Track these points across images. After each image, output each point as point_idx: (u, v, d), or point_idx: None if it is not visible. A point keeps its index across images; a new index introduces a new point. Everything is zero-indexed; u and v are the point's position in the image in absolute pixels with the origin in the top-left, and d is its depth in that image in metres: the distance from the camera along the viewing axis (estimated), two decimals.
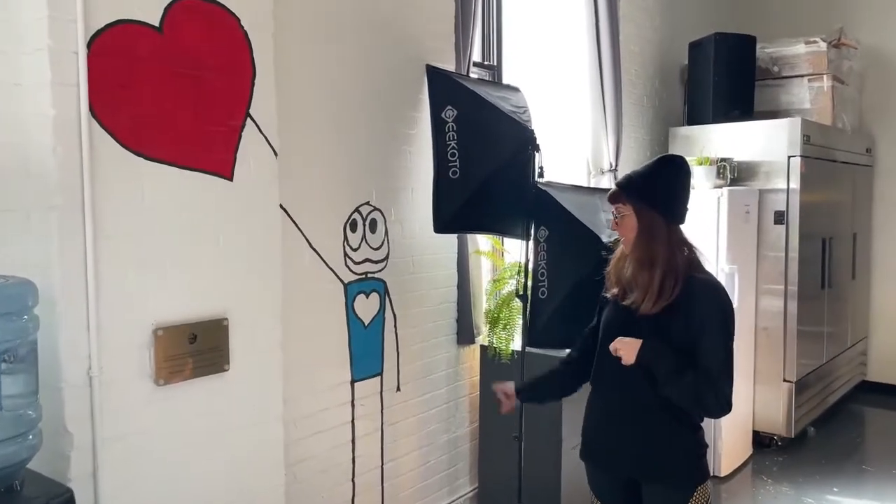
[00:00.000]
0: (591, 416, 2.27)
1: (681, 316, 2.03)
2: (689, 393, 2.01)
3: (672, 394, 2.03)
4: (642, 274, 2.09)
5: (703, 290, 2.07)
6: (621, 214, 2.15)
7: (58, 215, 1.92)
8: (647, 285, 2.07)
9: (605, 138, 4.51)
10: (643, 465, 2.13)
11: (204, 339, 2.27)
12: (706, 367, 2.00)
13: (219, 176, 2.31)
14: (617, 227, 2.18)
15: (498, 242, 3.84)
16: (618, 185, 2.20)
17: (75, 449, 1.97)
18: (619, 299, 2.17)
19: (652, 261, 2.08)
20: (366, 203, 3.05)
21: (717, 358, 2.01)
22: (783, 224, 4.69)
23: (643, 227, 2.11)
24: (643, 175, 2.17)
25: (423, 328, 3.38)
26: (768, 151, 4.74)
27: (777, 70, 5.27)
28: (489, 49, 3.99)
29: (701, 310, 2.03)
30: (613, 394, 2.18)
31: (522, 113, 3.31)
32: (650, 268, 2.07)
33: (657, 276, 2.05)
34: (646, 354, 2.02)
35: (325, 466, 2.92)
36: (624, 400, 2.14)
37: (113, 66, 2.02)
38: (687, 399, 2.03)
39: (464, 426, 3.67)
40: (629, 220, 2.13)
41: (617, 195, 2.17)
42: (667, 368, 2.01)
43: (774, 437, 4.80)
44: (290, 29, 2.67)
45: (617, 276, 2.19)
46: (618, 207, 2.16)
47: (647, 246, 2.09)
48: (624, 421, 2.14)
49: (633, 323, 2.09)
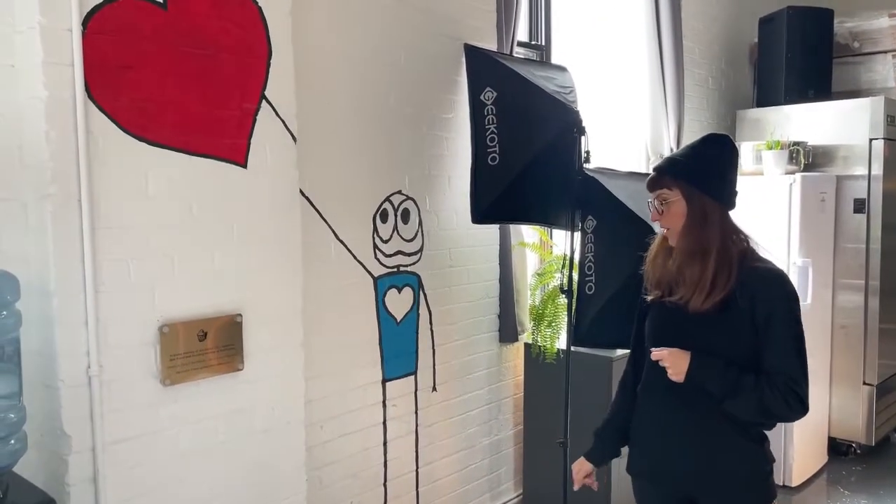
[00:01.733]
0: (641, 427, 2.02)
1: (740, 311, 1.80)
2: (754, 406, 1.79)
3: (734, 410, 1.81)
4: (692, 266, 1.85)
5: (765, 279, 1.83)
6: (667, 201, 1.89)
7: (52, 204, 1.81)
8: (697, 279, 1.83)
9: (666, 122, 4.22)
10: (702, 482, 1.89)
11: (215, 336, 2.13)
12: (775, 368, 1.78)
13: (231, 162, 2.17)
14: (660, 216, 1.92)
15: (545, 234, 3.61)
16: (659, 169, 1.94)
17: (74, 452, 1.86)
18: (663, 300, 1.93)
19: (704, 250, 1.83)
20: (397, 192, 2.87)
21: (787, 355, 1.79)
22: (864, 213, 4.32)
23: (694, 213, 1.86)
24: (689, 156, 1.92)
25: (461, 325, 3.19)
26: (847, 134, 4.37)
27: (857, 46, 4.85)
28: (537, 28, 3.75)
29: (765, 302, 1.80)
30: (667, 404, 1.93)
31: (568, 93, 3.07)
32: (702, 259, 1.83)
33: (710, 268, 1.82)
34: (696, 374, 1.80)
35: (355, 470, 2.77)
36: (678, 410, 1.90)
37: (111, 45, 1.90)
38: (753, 412, 1.81)
39: (507, 429, 3.46)
40: (677, 207, 1.88)
41: (660, 179, 1.92)
42: (722, 385, 1.79)
43: (852, 445, 4.47)
44: (313, 5, 2.51)
45: (657, 274, 1.96)
46: (661, 194, 1.91)
47: (699, 234, 1.85)
48: (679, 433, 1.91)
49: (682, 323, 1.87)
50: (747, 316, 1.80)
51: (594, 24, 4.21)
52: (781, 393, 1.76)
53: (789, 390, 1.76)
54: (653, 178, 1.94)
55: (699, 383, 1.80)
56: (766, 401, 1.76)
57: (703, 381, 1.80)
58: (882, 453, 4.51)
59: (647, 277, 2.00)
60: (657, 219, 1.93)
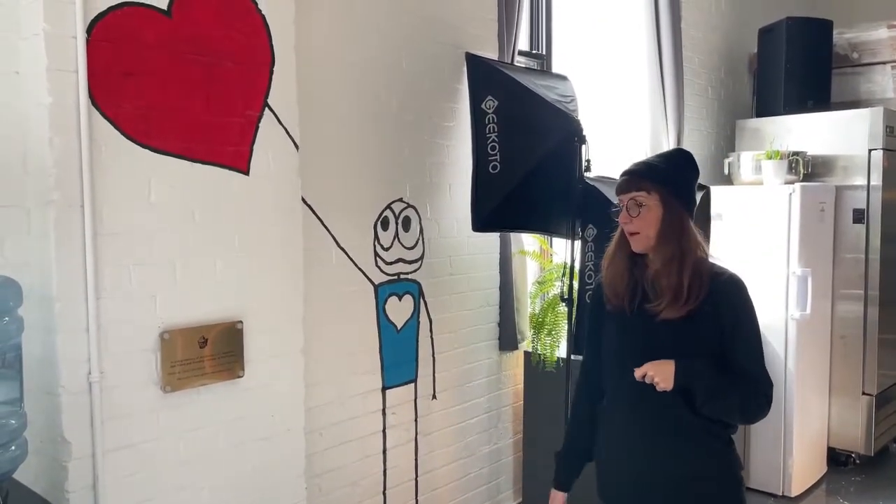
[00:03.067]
0: (612, 447, 1.95)
1: (706, 317, 1.80)
2: (734, 405, 1.82)
3: (714, 411, 1.82)
4: (670, 274, 1.81)
5: (730, 287, 1.85)
6: (643, 205, 1.84)
7: (55, 211, 1.82)
8: (676, 287, 1.80)
9: (665, 131, 4.23)
10: (681, 492, 1.86)
11: (216, 343, 2.13)
12: (746, 371, 1.81)
13: (233, 170, 2.18)
14: (631, 220, 1.85)
15: (545, 242, 3.62)
16: (637, 172, 1.89)
17: (74, 459, 1.86)
18: (625, 309, 1.88)
19: (682, 258, 1.82)
20: (398, 200, 2.88)
21: (755, 359, 1.84)
22: (863, 223, 4.32)
23: (672, 220, 1.84)
24: (667, 164, 1.91)
25: (461, 332, 3.19)
26: (846, 144, 4.37)
27: (856, 57, 4.86)
28: (537, 37, 3.77)
29: (731, 308, 1.82)
30: (638, 420, 1.88)
31: (569, 102, 3.08)
32: (679, 266, 1.81)
33: (687, 276, 1.80)
34: (682, 377, 1.77)
35: (354, 478, 2.76)
36: (649, 425, 1.86)
37: (116, 53, 1.91)
38: (732, 412, 1.84)
39: (506, 437, 3.46)
40: (654, 212, 1.84)
41: (636, 182, 1.86)
42: (708, 387, 1.79)
43: (852, 455, 4.45)
44: (316, 13, 2.52)
45: (617, 281, 1.91)
46: (637, 197, 1.85)
47: (677, 241, 1.83)
48: (654, 447, 1.86)
49: (650, 333, 1.84)
50: (713, 322, 1.81)
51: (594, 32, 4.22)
52: (754, 394, 1.81)
53: (761, 392, 1.82)
54: (628, 181, 1.88)
55: (687, 386, 1.78)
56: (745, 399, 1.81)
57: (690, 382, 1.78)
58: (881, 464, 4.48)
59: (608, 285, 1.94)
60: (627, 221, 1.87)
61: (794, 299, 3.91)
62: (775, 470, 3.98)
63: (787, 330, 3.94)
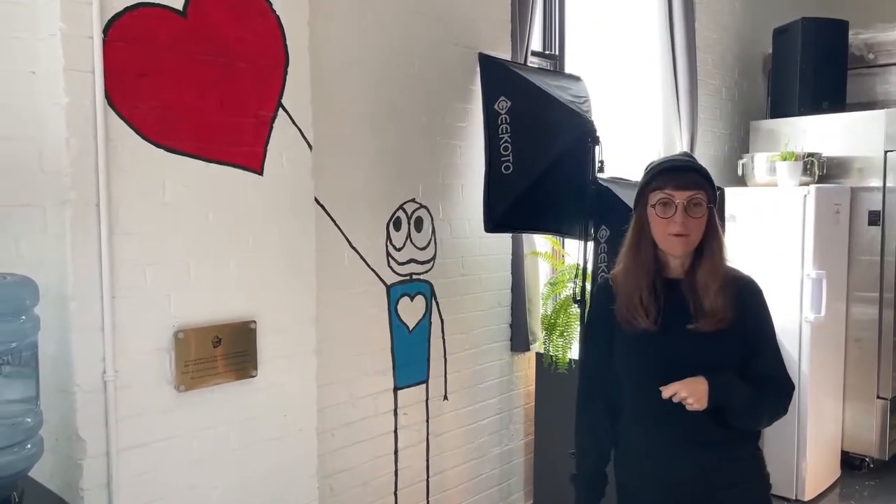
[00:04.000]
0: (634, 465, 1.84)
1: (735, 326, 1.73)
2: (763, 414, 1.79)
3: (745, 423, 1.78)
4: (718, 290, 1.70)
5: (749, 290, 1.79)
6: (700, 205, 1.70)
7: (71, 210, 1.82)
8: (724, 305, 1.70)
9: (679, 132, 4.21)
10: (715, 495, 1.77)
11: (229, 342, 2.14)
12: (769, 375, 1.78)
13: (247, 170, 2.18)
14: (684, 224, 1.68)
15: (557, 243, 3.61)
16: (696, 169, 1.75)
17: (88, 457, 1.87)
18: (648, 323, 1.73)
19: (722, 270, 1.75)
20: (411, 200, 2.88)
21: (777, 362, 1.80)
22: (878, 225, 4.28)
23: (715, 227, 1.76)
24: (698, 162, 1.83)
25: (473, 333, 3.19)
26: (862, 146, 4.34)
27: (872, 57, 4.82)
28: (551, 37, 3.76)
29: (753, 312, 1.78)
30: (663, 434, 1.78)
31: (582, 103, 3.07)
32: (724, 280, 1.73)
33: (723, 286, 1.73)
34: (718, 396, 1.67)
35: (365, 479, 2.76)
36: (675, 439, 1.76)
37: (132, 53, 1.91)
38: (761, 420, 1.81)
39: (518, 438, 3.45)
40: (705, 216, 1.72)
41: (698, 179, 1.72)
42: (742, 401, 1.72)
43: (865, 459, 4.41)
44: (329, 13, 2.52)
45: (644, 294, 1.74)
46: (697, 196, 1.70)
47: (720, 252, 1.75)
48: (679, 461, 1.77)
49: (679, 347, 1.73)
50: (739, 329, 1.73)
51: (607, 33, 4.21)
52: (780, 398, 1.79)
53: (784, 394, 1.79)
54: (690, 177, 1.71)
55: (722, 403, 1.69)
56: (775, 406, 1.79)
57: (727, 399, 1.69)
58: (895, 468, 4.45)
59: (626, 299, 1.77)
60: (683, 221, 1.68)
61: (808, 302, 3.88)
62: (789, 473, 3.95)
63: (802, 333, 3.91)
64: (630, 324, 1.76)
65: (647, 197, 1.75)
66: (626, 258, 1.81)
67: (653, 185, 1.74)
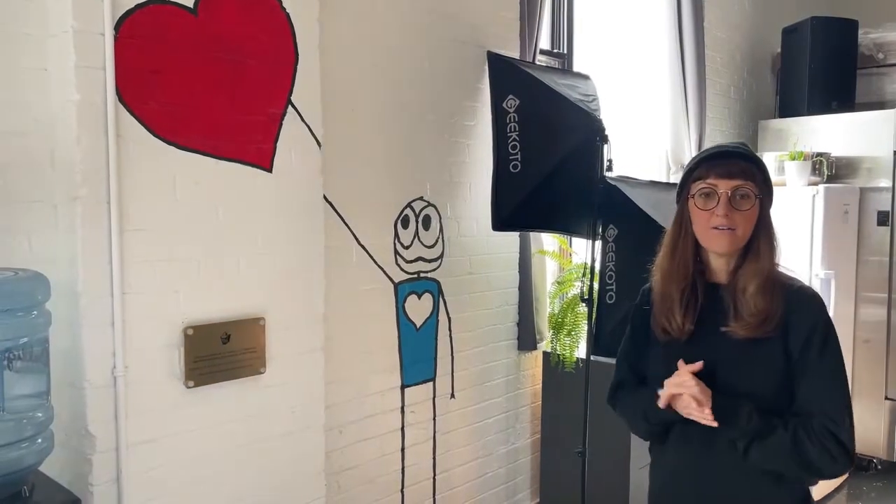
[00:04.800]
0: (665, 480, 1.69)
1: (776, 337, 1.50)
2: (786, 453, 1.46)
3: (764, 460, 1.50)
4: (765, 297, 1.50)
5: (800, 301, 1.53)
6: (751, 197, 1.51)
7: (81, 207, 1.83)
8: (767, 311, 1.50)
9: (687, 131, 4.20)
10: None
11: (238, 339, 2.14)
12: (810, 407, 1.47)
13: (257, 167, 2.19)
14: (732, 214, 1.50)
15: (565, 242, 3.60)
16: (746, 156, 1.54)
17: (98, 452, 1.88)
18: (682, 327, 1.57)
19: (772, 276, 1.54)
20: (419, 198, 2.88)
21: (825, 390, 1.48)
22: (887, 226, 4.27)
23: (768, 225, 1.55)
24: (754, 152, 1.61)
25: (480, 332, 3.18)
26: (871, 146, 4.32)
27: (882, 57, 4.80)
28: (559, 36, 3.75)
29: (800, 327, 1.50)
30: (695, 452, 1.60)
31: (591, 101, 3.07)
32: (773, 287, 1.52)
33: (766, 288, 1.52)
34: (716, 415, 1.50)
35: (372, 476, 2.76)
36: (708, 459, 1.57)
37: (143, 50, 1.92)
38: (786, 463, 1.48)
39: (524, 437, 3.45)
40: (755, 210, 1.53)
41: (747, 169, 1.52)
42: (748, 425, 1.49)
43: (873, 461, 4.40)
44: (339, 12, 2.52)
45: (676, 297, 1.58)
46: (746, 187, 1.51)
47: (770, 254, 1.54)
48: (709, 486, 1.59)
49: (710, 358, 1.54)
50: (780, 341, 1.50)
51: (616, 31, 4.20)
52: (819, 437, 1.44)
53: (827, 434, 1.44)
54: (737, 165, 1.52)
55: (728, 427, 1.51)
56: (801, 447, 1.45)
57: (725, 421, 1.50)
58: None
59: (655, 297, 1.63)
60: (726, 214, 1.50)
61: None
62: None
63: None
64: (663, 329, 1.61)
65: (689, 187, 1.57)
66: (662, 257, 1.63)
67: (695, 175, 1.56)
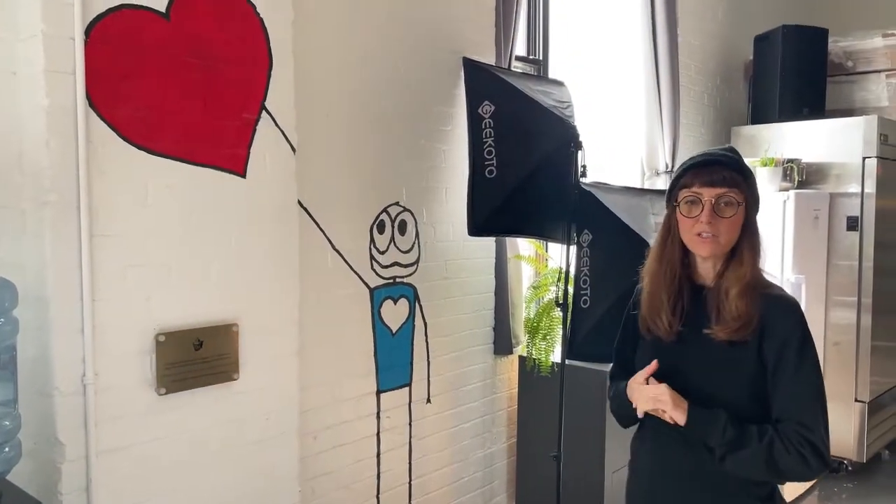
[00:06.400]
0: (642, 490, 1.77)
1: (747, 344, 1.56)
2: (762, 461, 1.51)
3: (735, 471, 1.56)
4: (734, 290, 1.57)
5: (778, 308, 1.59)
6: (735, 205, 1.57)
7: (51, 212, 1.81)
8: (746, 316, 1.55)
9: (661, 137, 4.24)
10: None
11: (211, 345, 2.13)
12: (786, 414, 1.52)
13: (230, 172, 2.18)
14: (714, 220, 1.56)
15: (541, 247, 3.62)
16: (730, 163, 1.59)
17: (67, 461, 1.85)
18: (668, 329, 1.64)
19: (756, 283, 1.59)
20: (395, 203, 2.88)
21: (801, 398, 1.53)
22: (857, 231, 4.35)
23: (753, 232, 1.62)
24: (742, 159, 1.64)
25: (456, 337, 3.19)
26: (841, 152, 4.40)
27: (851, 65, 4.90)
28: (534, 43, 3.78)
29: (777, 334, 1.55)
30: (671, 454, 1.68)
31: (565, 108, 3.09)
32: (754, 293, 1.57)
33: (746, 293, 1.57)
34: (690, 425, 1.57)
35: (347, 482, 2.75)
36: (682, 460, 1.65)
37: (114, 55, 1.90)
38: (762, 470, 1.53)
39: (500, 442, 3.46)
40: (739, 218, 1.59)
41: (732, 176, 1.57)
42: (723, 437, 1.54)
43: (844, 462, 4.46)
44: (314, 17, 2.52)
45: (663, 299, 1.65)
46: (730, 195, 1.57)
47: (753, 261, 1.60)
48: (684, 486, 1.66)
49: (685, 359, 1.63)
50: (756, 347, 1.56)
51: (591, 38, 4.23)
52: (795, 446, 1.49)
53: (803, 441, 1.49)
54: (721, 172, 1.57)
55: (695, 436, 1.59)
56: (775, 455, 1.50)
57: (698, 432, 1.57)
58: (873, 470, 4.50)
59: (649, 295, 1.68)
60: (710, 221, 1.56)
61: None
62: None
63: None
64: (649, 329, 1.69)
65: (677, 194, 1.64)
66: (651, 260, 1.71)
67: (682, 182, 1.63)
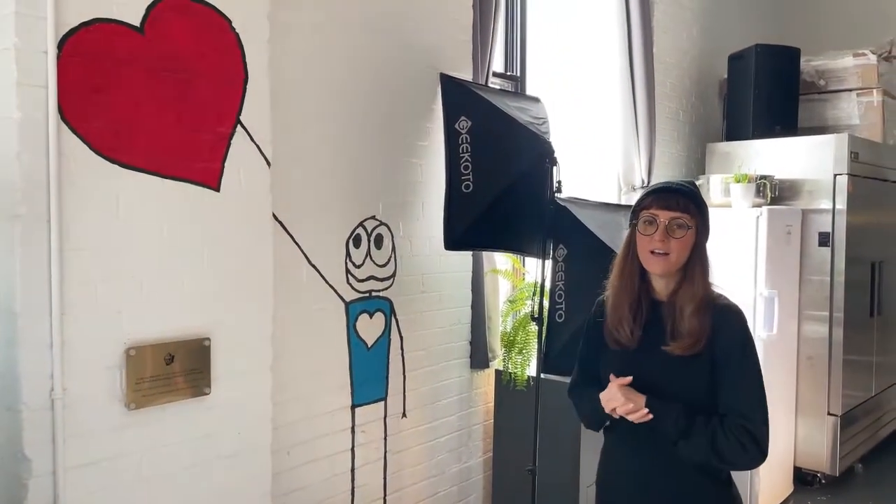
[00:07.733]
0: (610, 482, 1.94)
1: (705, 351, 1.74)
2: (705, 448, 1.70)
3: (688, 453, 1.74)
4: (689, 308, 1.74)
5: (727, 316, 1.77)
6: (686, 228, 1.76)
7: (21, 225, 1.80)
8: (699, 332, 1.73)
9: (637, 154, 4.29)
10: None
11: (182, 359, 2.12)
12: (730, 408, 1.71)
13: (204, 186, 2.17)
14: (667, 240, 1.74)
15: (517, 261, 3.64)
16: (683, 191, 1.79)
17: (34, 477, 1.83)
18: (629, 341, 1.82)
19: (706, 299, 1.76)
20: (371, 217, 2.89)
21: (744, 393, 1.72)
22: (828, 246, 4.41)
23: (703, 254, 1.80)
24: (697, 189, 1.86)
25: (432, 350, 3.19)
26: (813, 169, 4.47)
27: (823, 84, 4.99)
28: (512, 59, 3.82)
29: (726, 339, 1.74)
30: (636, 456, 1.85)
31: (541, 124, 3.12)
32: (705, 309, 1.74)
33: (700, 310, 1.75)
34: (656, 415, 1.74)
35: (321, 498, 2.74)
36: (647, 462, 1.82)
37: (87, 68, 1.90)
38: (705, 456, 1.72)
39: (476, 456, 3.46)
40: (690, 238, 1.77)
41: (685, 201, 1.77)
42: (675, 426, 1.72)
43: (817, 475, 4.50)
44: (290, 32, 2.54)
45: (627, 311, 1.82)
46: (682, 219, 1.76)
47: (703, 279, 1.77)
48: (651, 486, 1.82)
49: (652, 367, 1.79)
50: (707, 360, 1.74)
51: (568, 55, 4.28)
52: (735, 435, 1.68)
53: (744, 432, 1.68)
54: (675, 198, 1.77)
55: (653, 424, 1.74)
56: (718, 443, 1.69)
57: (656, 421, 1.74)
58: (847, 483, 4.54)
59: (612, 308, 1.85)
60: (662, 240, 1.75)
61: (761, 320, 3.97)
62: (742, 489, 3.93)
63: None
64: (613, 339, 1.84)
65: (637, 215, 1.82)
66: (613, 275, 1.87)
67: (643, 205, 1.81)
